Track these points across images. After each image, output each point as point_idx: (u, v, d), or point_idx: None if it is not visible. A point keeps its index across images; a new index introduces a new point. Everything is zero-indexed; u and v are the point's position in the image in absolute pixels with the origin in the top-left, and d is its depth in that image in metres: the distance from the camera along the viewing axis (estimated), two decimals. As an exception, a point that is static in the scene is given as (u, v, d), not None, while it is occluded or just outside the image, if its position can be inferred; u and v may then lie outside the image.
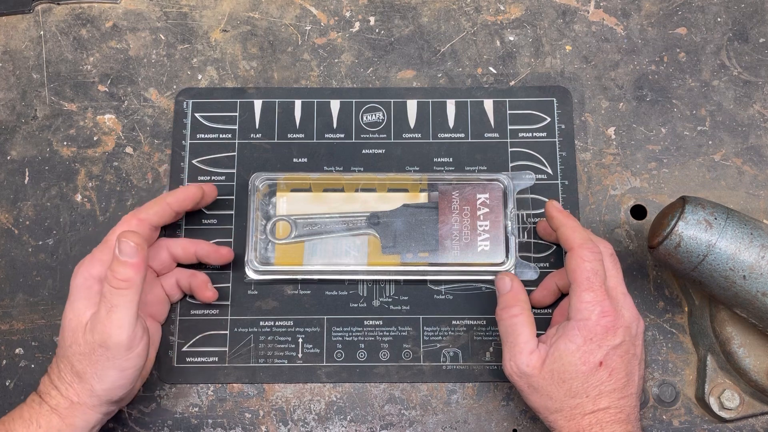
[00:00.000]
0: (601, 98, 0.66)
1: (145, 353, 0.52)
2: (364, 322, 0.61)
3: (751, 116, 0.65)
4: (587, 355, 0.50)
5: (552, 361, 0.51)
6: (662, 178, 0.64)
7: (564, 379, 0.50)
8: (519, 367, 0.52)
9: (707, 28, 0.67)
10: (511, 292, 0.54)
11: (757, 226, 0.52)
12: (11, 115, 0.65)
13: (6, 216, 0.63)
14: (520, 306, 0.53)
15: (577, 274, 0.51)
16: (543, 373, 0.51)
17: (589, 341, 0.50)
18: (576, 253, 0.52)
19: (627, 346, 0.51)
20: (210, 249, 0.60)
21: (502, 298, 0.55)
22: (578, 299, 0.51)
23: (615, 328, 0.51)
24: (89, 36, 0.67)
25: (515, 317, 0.53)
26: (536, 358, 0.51)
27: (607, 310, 0.51)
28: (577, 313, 0.51)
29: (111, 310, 0.50)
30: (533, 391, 0.52)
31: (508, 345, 0.53)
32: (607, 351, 0.50)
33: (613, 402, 0.50)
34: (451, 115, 0.65)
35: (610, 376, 0.50)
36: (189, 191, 0.58)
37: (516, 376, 0.52)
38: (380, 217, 0.61)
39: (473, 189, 0.61)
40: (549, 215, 0.56)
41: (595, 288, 0.51)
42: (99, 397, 0.51)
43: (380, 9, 0.68)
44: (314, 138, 0.65)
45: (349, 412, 0.60)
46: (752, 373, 0.57)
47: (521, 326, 0.53)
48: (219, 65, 0.67)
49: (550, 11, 0.68)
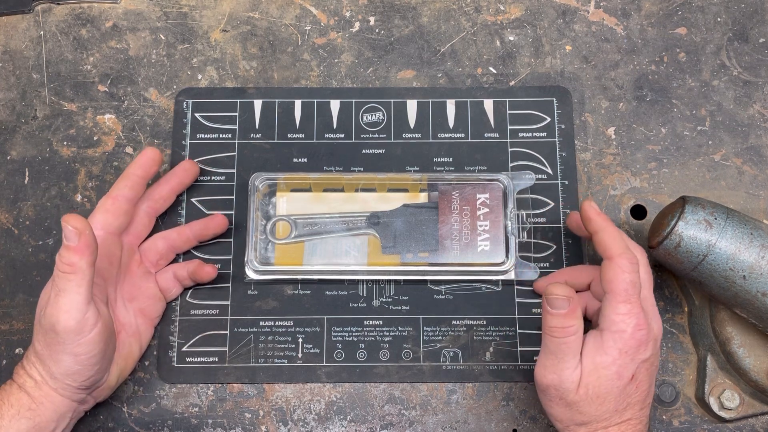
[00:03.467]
0: (601, 98, 0.66)
1: (100, 340, 0.51)
2: (364, 322, 0.61)
3: (751, 116, 0.65)
4: (622, 368, 0.49)
5: (588, 375, 0.50)
6: (662, 178, 0.64)
7: (599, 395, 0.50)
8: (562, 382, 0.50)
9: (707, 28, 0.67)
10: (569, 311, 0.50)
11: (757, 226, 0.52)
12: (11, 115, 0.65)
13: (6, 216, 0.63)
14: (576, 324, 0.50)
15: (614, 284, 0.50)
16: (580, 388, 0.50)
17: (624, 354, 0.49)
18: (615, 263, 0.50)
19: (653, 359, 0.51)
20: (202, 221, 0.60)
21: (558, 318, 0.50)
22: (614, 310, 0.50)
23: (647, 342, 0.50)
24: (89, 36, 0.67)
25: (570, 336, 0.50)
26: (578, 373, 0.50)
27: (641, 323, 0.50)
28: (612, 325, 0.50)
29: (58, 294, 0.50)
30: (564, 404, 0.51)
31: (555, 359, 0.51)
32: (638, 364, 0.50)
33: (635, 413, 0.50)
34: (451, 115, 0.65)
35: (637, 389, 0.50)
36: (148, 154, 0.58)
37: (553, 388, 0.51)
38: (380, 217, 0.61)
39: (473, 189, 0.61)
40: (586, 217, 0.53)
41: (632, 300, 0.50)
42: (58, 380, 0.52)
43: (380, 9, 0.68)
44: (314, 138, 0.65)
45: (349, 412, 0.60)
46: (752, 373, 0.57)
47: (575, 343, 0.50)
48: (219, 65, 0.67)
49: (550, 11, 0.68)
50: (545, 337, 0.51)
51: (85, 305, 0.50)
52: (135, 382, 0.60)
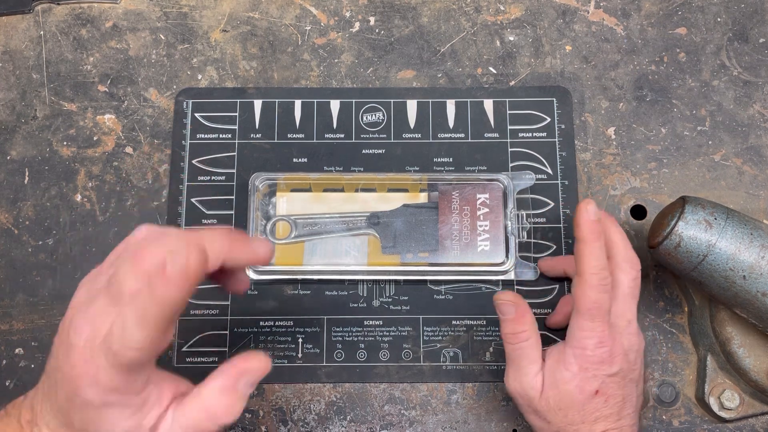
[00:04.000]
0: (601, 98, 0.66)
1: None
2: (364, 322, 0.61)
3: (751, 116, 0.65)
4: (583, 383, 0.49)
5: (549, 387, 0.50)
6: (662, 178, 0.64)
7: (561, 407, 0.50)
8: (523, 388, 0.51)
9: (707, 28, 0.67)
10: (517, 316, 0.51)
11: (757, 226, 0.52)
12: (11, 115, 0.65)
13: (6, 216, 0.63)
14: (528, 330, 0.51)
15: (580, 301, 0.50)
16: (542, 398, 0.50)
17: (584, 370, 0.49)
18: (584, 280, 0.50)
19: (624, 372, 0.50)
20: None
21: (509, 323, 0.51)
22: (577, 326, 0.50)
23: (612, 358, 0.50)
24: (89, 36, 0.67)
25: (523, 342, 0.51)
26: (540, 381, 0.51)
27: (604, 340, 0.49)
28: (574, 340, 0.50)
29: None
30: (532, 411, 0.51)
31: (515, 366, 0.52)
32: (603, 380, 0.50)
33: (609, 425, 0.50)
34: (451, 115, 0.65)
35: (606, 402, 0.50)
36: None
37: (518, 396, 0.52)
38: (380, 217, 0.61)
39: (473, 189, 0.61)
40: (576, 222, 0.50)
41: (596, 318, 0.49)
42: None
43: (380, 9, 0.68)
44: (314, 138, 0.65)
45: (349, 412, 0.59)
46: (752, 373, 0.57)
47: (529, 349, 0.51)
48: (219, 65, 0.67)
49: (550, 11, 0.68)
50: (504, 346, 0.52)
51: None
52: (135, 382, 0.60)
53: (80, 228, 0.63)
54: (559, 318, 0.59)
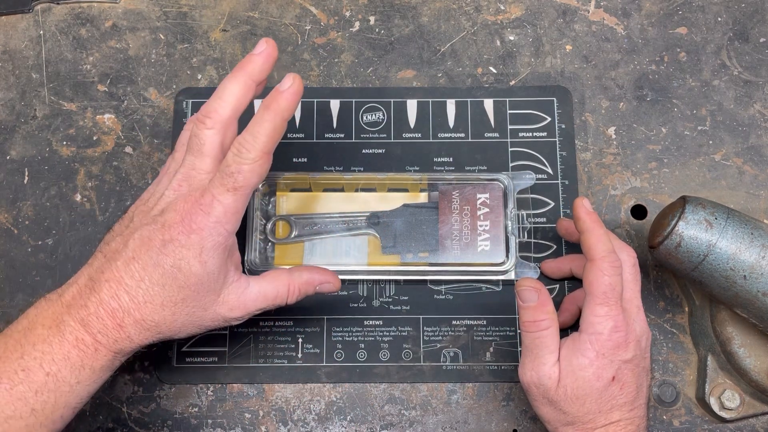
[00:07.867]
0: (601, 98, 0.66)
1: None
2: (364, 322, 0.61)
3: (751, 116, 0.65)
4: (600, 370, 0.50)
5: (566, 376, 0.50)
6: (662, 177, 0.64)
7: (578, 396, 0.50)
8: (540, 378, 0.51)
9: (707, 27, 0.67)
10: (539, 303, 0.51)
11: (757, 226, 0.52)
12: (11, 115, 0.65)
13: (5, 216, 0.63)
14: (549, 318, 0.51)
15: (593, 287, 0.50)
16: (559, 387, 0.50)
17: (601, 356, 0.50)
18: (596, 265, 0.50)
19: (638, 359, 0.51)
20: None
21: (529, 311, 0.51)
22: (591, 312, 0.50)
23: (627, 343, 0.50)
24: (89, 36, 0.67)
25: (543, 330, 0.51)
26: (557, 370, 0.51)
27: (619, 325, 0.50)
28: (589, 327, 0.50)
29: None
30: (547, 402, 0.51)
31: (532, 355, 0.51)
32: (619, 365, 0.50)
33: (624, 415, 0.50)
34: (451, 114, 0.65)
35: (622, 390, 0.50)
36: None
37: (534, 386, 0.51)
38: (380, 217, 0.61)
39: (473, 189, 0.61)
40: (576, 215, 0.52)
41: (611, 303, 0.50)
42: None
43: (380, 9, 0.68)
44: (314, 138, 0.65)
45: (349, 413, 0.59)
46: (753, 373, 0.57)
47: (549, 338, 0.51)
48: (219, 65, 0.67)
49: (551, 11, 0.68)
50: (522, 335, 0.52)
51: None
52: (135, 382, 0.60)
53: (80, 228, 0.63)
54: (565, 317, 0.59)
